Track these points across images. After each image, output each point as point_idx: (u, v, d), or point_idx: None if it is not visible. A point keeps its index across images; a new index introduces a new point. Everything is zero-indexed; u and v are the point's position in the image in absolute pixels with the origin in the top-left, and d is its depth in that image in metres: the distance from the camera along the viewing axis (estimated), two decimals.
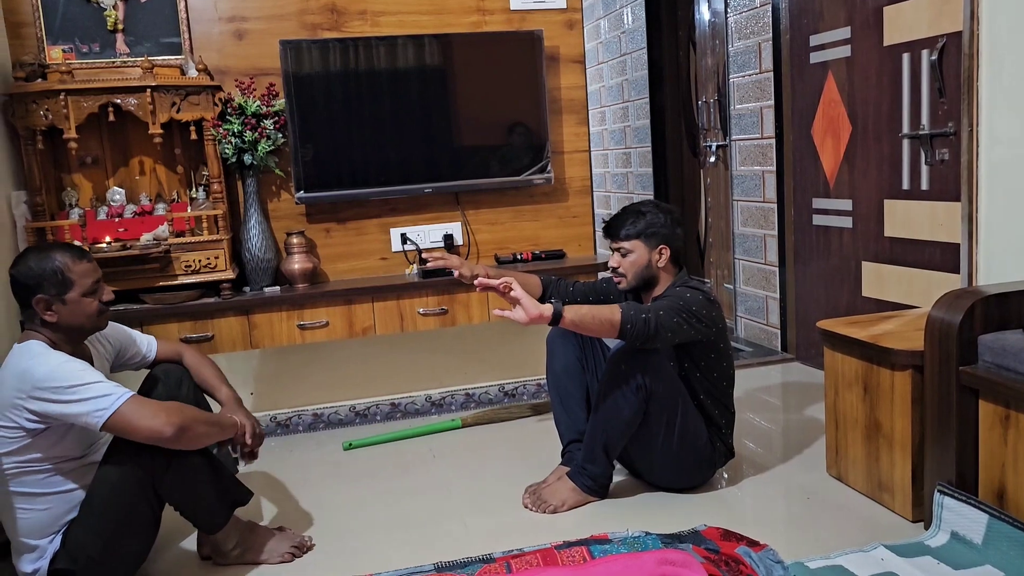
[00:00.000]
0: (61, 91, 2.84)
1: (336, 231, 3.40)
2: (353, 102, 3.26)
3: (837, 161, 3.52)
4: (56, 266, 1.98)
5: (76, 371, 1.90)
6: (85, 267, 2.02)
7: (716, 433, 2.50)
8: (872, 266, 3.36)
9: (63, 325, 2.00)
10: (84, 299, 2.01)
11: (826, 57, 3.54)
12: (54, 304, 1.98)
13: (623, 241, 2.49)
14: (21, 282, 1.98)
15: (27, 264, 1.98)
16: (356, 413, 3.44)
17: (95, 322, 2.06)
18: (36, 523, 1.99)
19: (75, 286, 1.99)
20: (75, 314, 2.01)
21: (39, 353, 1.93)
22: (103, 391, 1.88)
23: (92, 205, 3.13)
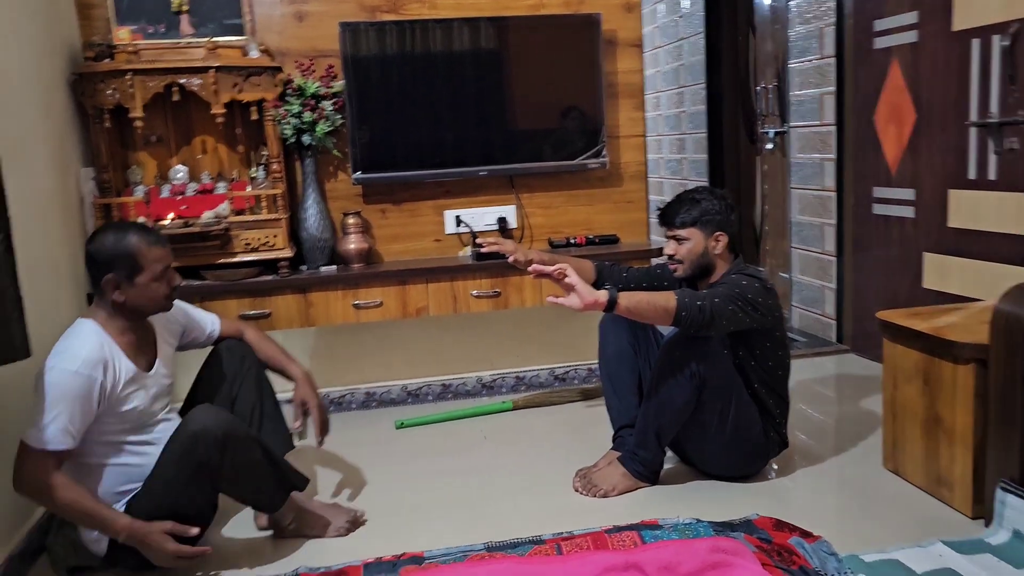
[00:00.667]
0: (128, 71, 2.91)
1: (391, 212, 3.43)
2: (410, 84, 3.28)
3: (900, 149, 3.44)
4: (130, 249, 2.02)
5: (61, 393, 1.91)
6: (158, 252, 2.05)
7: (770, 423, 2.47)
8: (934, 257, 3.28)
9: (128, 306, 2.05)
10: (152, 284, 2.05)
11: (891, 43, 3.45)
12: (122, 285, 2.02)
13: (679, 229, 2.47)
14: (95, 259, 2.03)
15: (103, 242, 2.03)
16: (408, 393, 3.48)
17: (160, 306, 2.10)
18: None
19: (145, 271, 2.03)
20: (141, 297, 2.05)
21: (80, 333, 1.99)
22: (45, 422, 1.90)
23: (156, 183, 3.20)
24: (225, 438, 2.01)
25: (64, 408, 1.91)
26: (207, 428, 2.00)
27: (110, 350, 2.02)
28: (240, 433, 2.07)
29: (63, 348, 1.97)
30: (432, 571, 1.91)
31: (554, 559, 1.94)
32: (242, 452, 2.07)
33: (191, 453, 2.00)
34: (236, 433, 2.06)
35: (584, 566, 1.88)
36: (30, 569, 2.21)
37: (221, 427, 2.02)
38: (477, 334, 3.54)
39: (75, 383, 1.93)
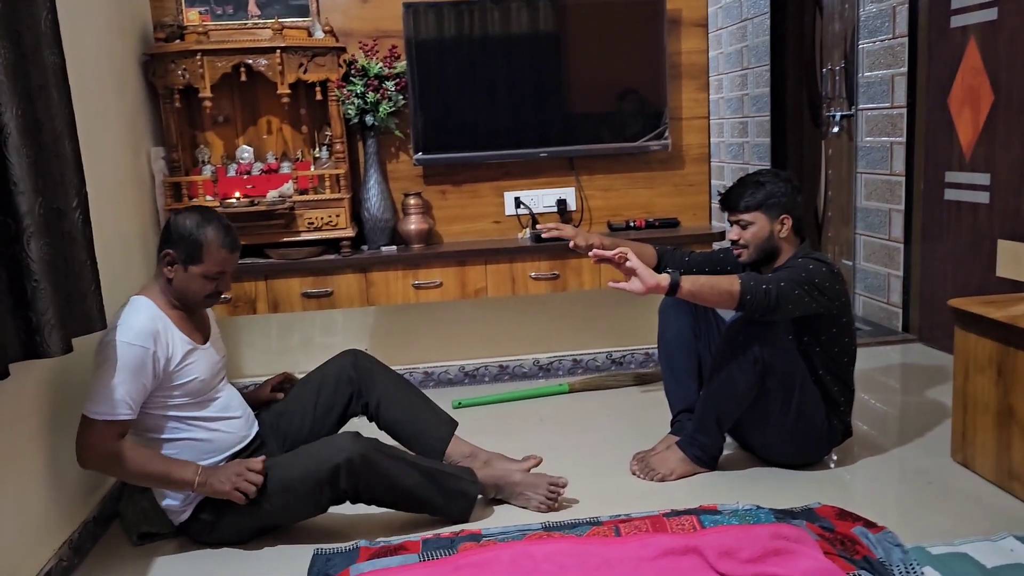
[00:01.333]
0: (198, 51, 2.95)
1: (451, 193, 3.44)
2: (471, 66, 3.27)
3: (975, 133, 3.33)
4: (202, 239, 2.06)
5: (117, 364, 1.96)
6: (223, 255, 2.09)
7: (834, 410, 2.43)
8: (1009, 244, 3.17)
9: (174, 286, 2.10)
10: (202, 279, 2.09)
11: (969, 21, 3.33)
12: (176, 265, 2.07)
13: (743, 213, 2.43)
14: (170, 229, 2.08)
15: (185, 220, 2.08)
16: (465, 373, 3.51)
17: (198, 301, 2.13)
18: None
19: (202, 264, 2.07)
20: (185, 283, 2.09)
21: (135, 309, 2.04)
22: (102, 394, 1.95)
23: (223, 162, 3.26)
24: (364, 469, 2.05)
25: (120, 379, 1.96)
26: (351, 460, 2.03)
27: (163, 323, 2.07)
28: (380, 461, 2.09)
29: (117, 323, 2.03)
30: (490, 548, 1.93)
31: (612, 540, 1.94)
32: (381, 477, 2.09)
33: (325, 481, 2.04)
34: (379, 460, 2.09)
35: (643, 548, 1.87)
36: (104, 533, 2.29)
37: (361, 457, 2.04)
38: (535, 316, 3.54)
39: (130, 354, 1.98)
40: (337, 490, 2.07)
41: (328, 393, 2.38)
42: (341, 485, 2.05)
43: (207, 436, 2.15)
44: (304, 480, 2.05)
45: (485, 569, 1.84)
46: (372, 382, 2.39)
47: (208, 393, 2.17)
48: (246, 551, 2.15)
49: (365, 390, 2.39)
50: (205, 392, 2.16)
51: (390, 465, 2.11)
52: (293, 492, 2.07)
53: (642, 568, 1.81)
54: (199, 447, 2.14)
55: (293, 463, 2.09)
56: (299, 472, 2.06)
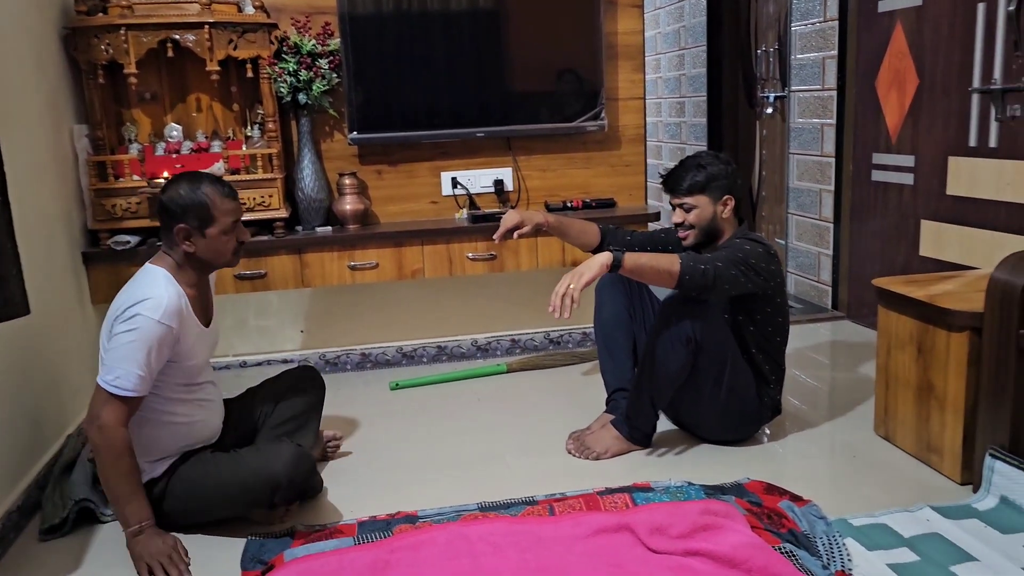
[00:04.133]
0: (122, 25, 2.85)
1: (388, 173, 3.40)
2: (408, 43, 3.23)
3: (901, 115, 3.42)
4: (203, 200, 2.01)
5: (142, 341, 1.91)
6: (230, 205, 2.05)
7: (764, 388, 2.49)
8: (932, 225, 3.27)
9: (197, 257, 2.05)
10: (222, 236, 2.05)
11: (895, 6, 3.41)
12: (193, 235, 2.02)
13: (686, 196, 2.45)
14: (168, 208, 2.02)
15: (177, 192, 2.02)
16: (403, 354, 3.49)
17: (227, 260, 2.10)
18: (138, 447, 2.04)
19: (216, 223, 2.03)
20: (210, 250, 2.05)
21: (152, 277, 2.00)
22: (123, 368, 1.91)
23: (150, 141, 3.16)
24: (298, 484, 2.11)
25: (144, 357, 1.92)
26: (293, 480, 2.06)
27: (184, 302, 2.03)
28: (313, 480, 2.23)
29: (143, 295, 1.95)
30: (425, 530, 1.93)
31: (547, 520, 1.96)
32: (305, 490, 2.21)
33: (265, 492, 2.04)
34: (310, 480, 2.20)
35: (577, 527, 1.90)
36: (28, 523, 2.23)
37: (299, 477, 2.09)
38: (473, 296, 3.54)
39: (156, 332, 1.93)
40: (271, 503, 2.08)
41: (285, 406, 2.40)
42: (276, 498, 2.07)
43: (188, 421, 2.11)
44: (245, 490, 2.05)
45: (420, 551, 1.84)
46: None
47: (198, 377, 2.14)
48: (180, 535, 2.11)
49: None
50: (196, 376, 2.13)
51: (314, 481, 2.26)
52: (231, 497, 2.06)
53: (575, 547, 1.84)
54: (178, 432, 2.10)
55: (235, 470, 2.07)
56: (237, 485, 2.05)
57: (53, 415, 2.52)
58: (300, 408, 2.41)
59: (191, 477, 2.07)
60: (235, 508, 2.10)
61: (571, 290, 2.19)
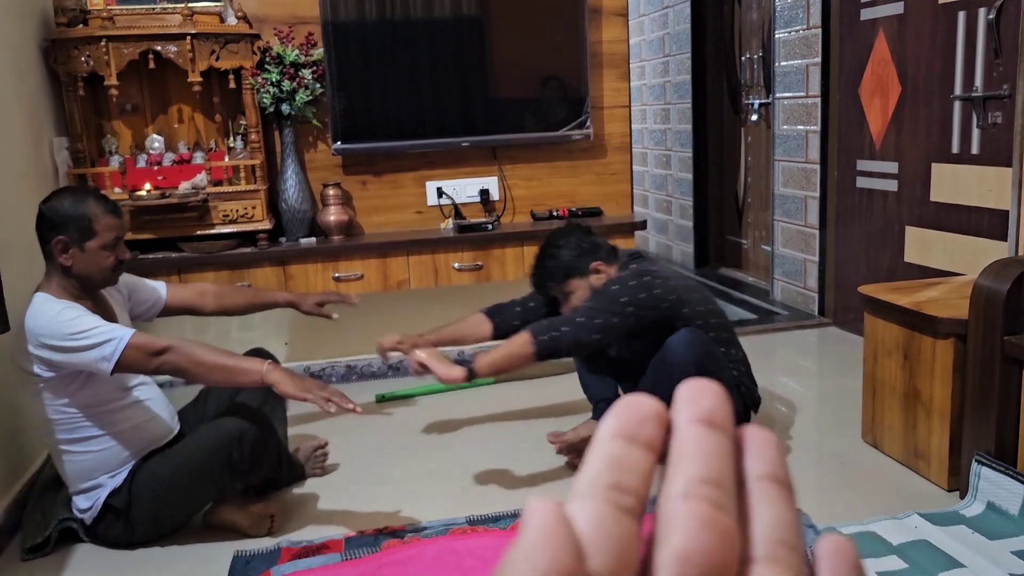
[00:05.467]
0: (102, 37, 2.83)
1: (372, 183, 3.38)
2: (391, 53, 3.22)
3: (884, 122, 3.43)
4: (85, 212, 1.98)
5: (73, 319, 1.90)
6: (112, 221, 2.02)
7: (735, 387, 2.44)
8: (916, 231, 3.28)
9: (75, 272, 2.00)
10: (102, 251, 2.01)
11: (877, 14, 3.43)
12: (71, 248, 1.98)
13: (557, 289, 2.42)
14: (48, 218, 1.98)
15: (60, 203, 1.99)
16: (389, 366, 3.47)
17: (106, 276, 2.06)
18: (90, 465, 2.03)
19: (97, 237, 1.99)
20: (88, 264, 2.00)
21: (40, 305, 1.96)
22: (103, 337, 1.89)
23: (132, 152, 3.14)
24: (256, 442, 2.09)
25: (85, 323, 1.90)
26: (244, 433, 2.06)
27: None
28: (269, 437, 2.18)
29: (30, 319, 1.93)
30: (413, 545, 1.91)
31: None
32: (266, 454, 2.16)
33: (223, 452, 2.04)
34: (266, 437, 2.15)
35: None
36: (9, 543, 2.19)
37: (254, 431, 2.09)
38: (459, 306, 3.51)
39: (74, 311, 1.92)
40: (232, 463, 2.06)
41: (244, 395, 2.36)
42: (235, 456, 2.05)
43: (133, 425, 2.09)
44: (204, 459, 2.05)
45: (409, 566, 1.83)
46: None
47: (128, 381, 2.11)
48: (163, 552, 2.09)
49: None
50: (126, 381, 2.10)
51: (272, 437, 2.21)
52: (192, 473, 2.05)
53: None
54: (127, 437, 2.08)
55: (189, 446, 2.08)
56: (196, 453, 2.05)
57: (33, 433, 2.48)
58: (260, 397, 2.37)
59: (151, 469, 2.06)
60: (202, 487, 2.08)
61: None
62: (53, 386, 1.97)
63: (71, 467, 2.04)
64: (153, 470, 2.05)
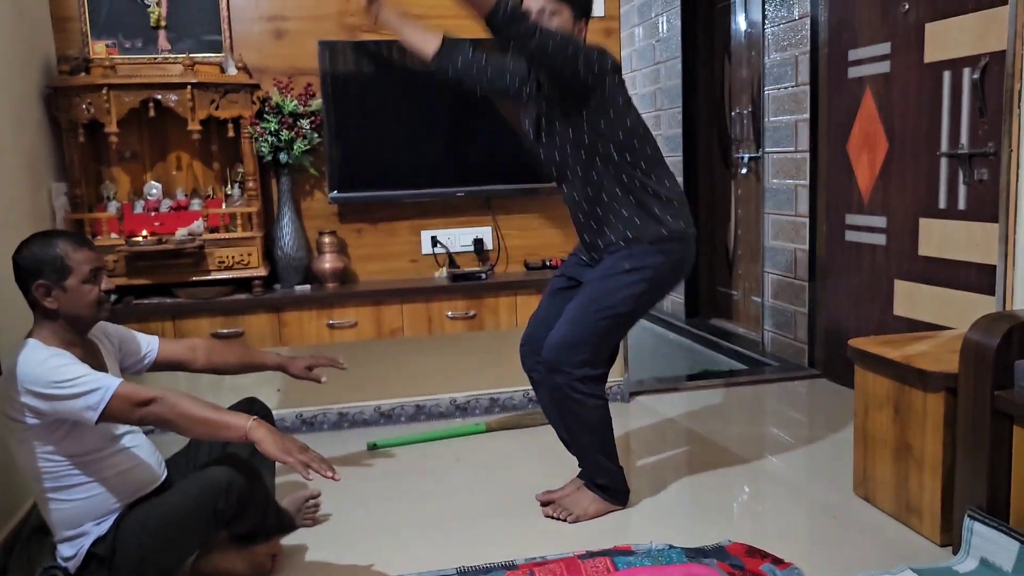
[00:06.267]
0: (104, 86, 2.87)
1: (367, 232, 3.41)
2: (389, 104, 3.27)
3: (872, 177, 3.49)
4: (56, 253, 1.99)
5: (60, 367, 1.90)
6: (84, 254, 2.03)
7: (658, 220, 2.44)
8: (905, 284, 3.32)
9: (63, 313, 2.01)
10: (83, 286, 2.01)
11: (864, 72, 3.51)
12: (53, 291, 1.99)
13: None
14: (23, 267, 2.00)
15: (30, 250, 2.00)
16: (381, 413, 3.46)
17: (94, 311, 2.06)
18: (76, 513, 2.01)
19: (74, 273, 2.00)
20: (74, 302, 2.01)
21: (29, 352, 1.95)
22: (90, 386, 1.89)
23: (129, 199, 3.16)
24: (244, 492, 2.06)
25: (72, 371, 1.90)
26: (232, 483, 2.04)
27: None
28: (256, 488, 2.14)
29: (18, 366, 1.93)
30: None
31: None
32: (253, 504, 2.12)
33: (209, 502, 2.02)
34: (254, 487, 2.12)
35: None
36: None
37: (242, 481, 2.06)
38: (451, 354, 3.53)
39: (61, 359, 1.92)
40: (218, 512, 2.04)
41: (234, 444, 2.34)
42: (220, 506, 2.03)
43: (119, 471, 2.07)
44: (190, 509, 2.03)
45: None
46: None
47: (116, 428, 2.09)
48: None
49: None
50: (113, 428, 2.08)
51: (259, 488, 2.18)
52: (179, 522, 2.03)
53: None
54: (113, 485, 2.05)
55: (175, 494, 2.06)
56: (182, 502, 2.03)
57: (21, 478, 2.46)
58: (250, 446, 2.35)
59: (137, 517, 2.03)
60: (188, 536, 2.05)
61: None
62: (39, 433, 1.96)
63: (57, 515, 2.02)
64: (138, 518, 2.04)
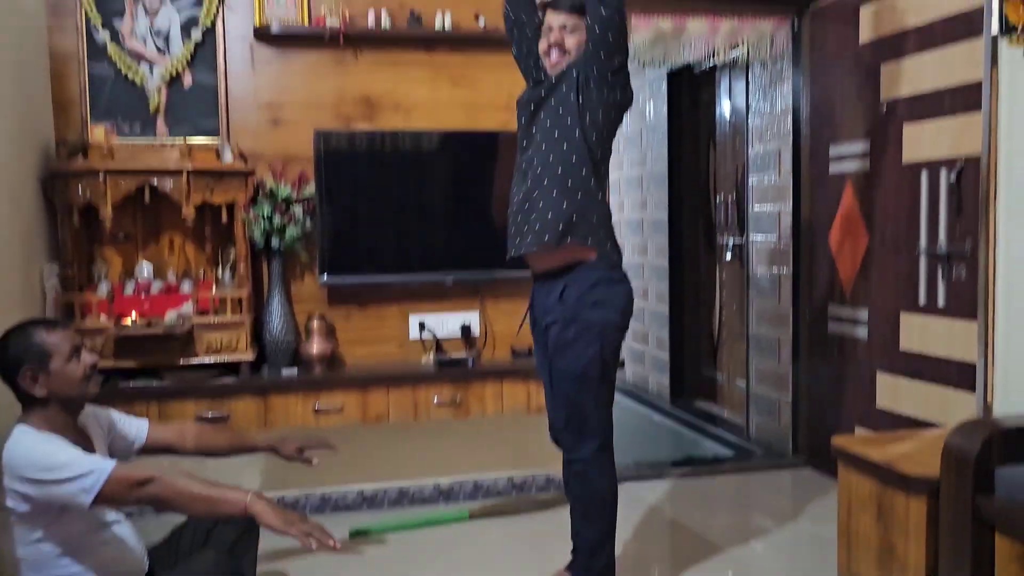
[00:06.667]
0: (101, 171, 2.92)
1: (356, 315, 3.43)
2: (381, 192, 3.34)
3: (854, 270, 3.56)
4: (33, 340, 2.01)
5: (51, 453, 1.90)
6: (58, 335, 2.03)
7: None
8: (887, 378, 3.36)
9: (54, 397, 2.01)
10: (67, 366, 2.02)
11: (845, 168, 3.61)
12: (40, 376, 1.99)
13: (572, 15, 2.38)
14: (7, 362, 2.00)
15: (5, 344, 2.02)
16: (364, 498, 3.43)
17: (83, 388, 2.05)
18: None
19: (54, 355, 2.01)
20: (62, 383, 2.01)
21: (19, 437, 1.95)
22: (84, 469, 1.88)
23: (120, 279, 3.18)
24: None
25: (64, 455, 1.89)
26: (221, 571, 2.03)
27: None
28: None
29: (7, 453, 1.92)
30: None
31: None
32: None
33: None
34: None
35: None
36: None
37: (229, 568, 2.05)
38: (435, 439, 3.52)
39: (53, 444, 1.91)
40: None
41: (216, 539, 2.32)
42: None
43: (103, 562, 2.04)
44: None
45: None
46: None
47: (104, 516, 2.07)
48: None
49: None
50: (102, 516, 2.06)
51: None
52: None
53: None
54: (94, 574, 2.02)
55: None
56: None
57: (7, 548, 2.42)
58: (232, 536, 2.32)
59: None
60: None
61: None
62: (26, 520, 1.94)
63: None
64: None
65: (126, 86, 3.20)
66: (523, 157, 2.50)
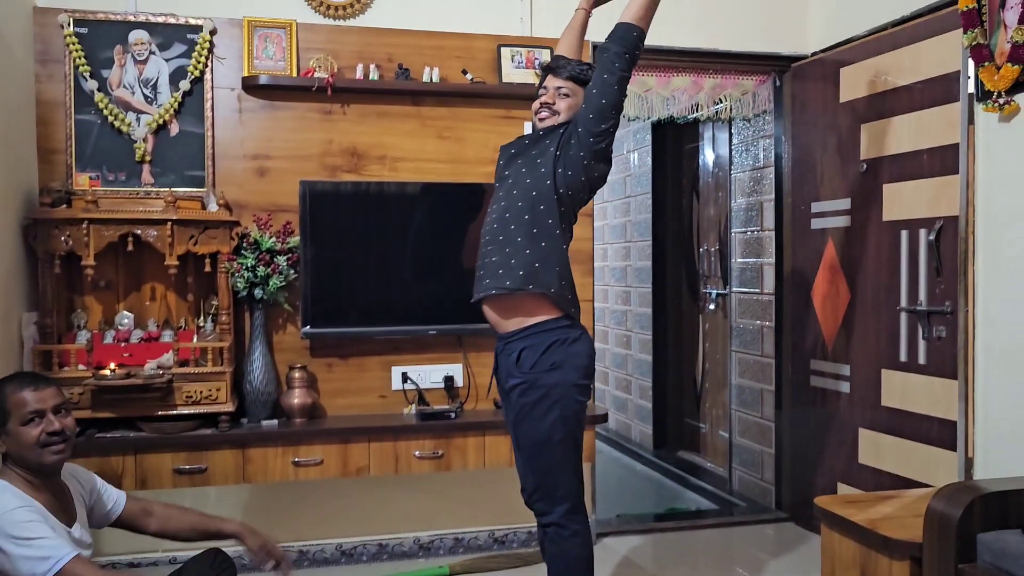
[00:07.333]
0: (84, 220, 2.90)
1: (338, 366, 3.41)
2: (365, 243, 3.34)
3: (836, 325, 3.58)
4: (1, 396, 2.00)
5: (23, 522, 1.88)
6: (21, 397, 2.01)
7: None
8: (869, 434, 3.36)
9: (12, 456, 2.01)
10: (21, 429, 1.99)
11: (826, 225, 3.65)
12: (0, 435, 1.99)
13: (569, 81, 2.45)
14: None
15: None
16: (342, 552, 3.38)
17: (37, 455, 2.00)
18: None
19: (12, 416, 1.99)
20: (17, 445, 1.99)
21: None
22: (44, 552, 1.86)
23: (100, 328, 3.14)
24: None
25: (34, 530, 1.87)
26: None
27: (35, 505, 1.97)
28: None
29: None
30: None
31: None
32: None
33: None
34: None
35: None
36: None
37: None
38: (416, 492, 3.49)
39: (28, 514, 1.90)
40: None
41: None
42: None
43: None
44: None
45: None
46: None
47: None
48: None
49: None
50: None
51: None
52: None
53: None
54: None
55: None
56: None
57: None
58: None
59: None
60: None
61: None
62: None
63: None
64: None
65: (112, 135, 3.20)
66: (494, 198, 2.52)
